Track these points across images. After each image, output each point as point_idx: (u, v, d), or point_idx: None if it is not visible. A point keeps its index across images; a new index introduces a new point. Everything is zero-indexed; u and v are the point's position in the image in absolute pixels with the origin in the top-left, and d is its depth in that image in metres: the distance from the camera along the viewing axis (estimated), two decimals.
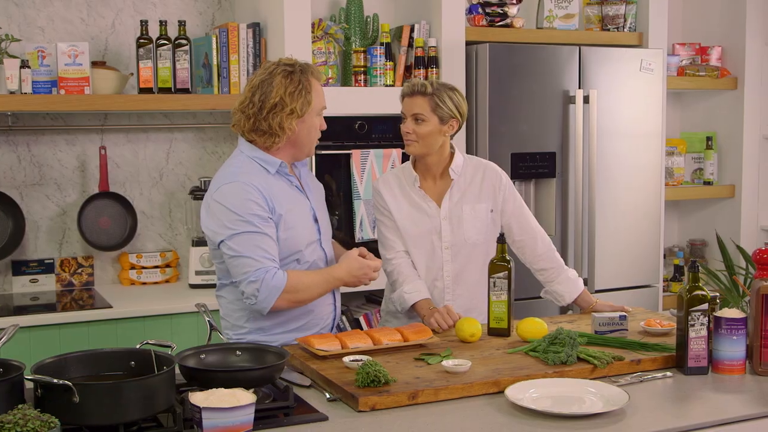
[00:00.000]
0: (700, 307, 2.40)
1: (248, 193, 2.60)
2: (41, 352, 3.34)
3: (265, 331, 2.72)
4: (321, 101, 2.73)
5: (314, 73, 2.72)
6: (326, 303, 2.81)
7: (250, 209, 2.59)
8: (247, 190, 2.60)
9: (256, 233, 2.58)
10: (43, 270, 3.99)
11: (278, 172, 2.72)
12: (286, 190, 2.73)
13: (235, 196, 2.60)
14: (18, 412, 1.74)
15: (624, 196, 4.39)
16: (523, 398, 2.14)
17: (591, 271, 4.27)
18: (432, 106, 2.93)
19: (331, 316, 2.86)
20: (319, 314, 2.80)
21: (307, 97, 2.67)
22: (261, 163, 2.70)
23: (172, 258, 4.19)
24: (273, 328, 2.73)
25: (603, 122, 4.28)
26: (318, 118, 2.74)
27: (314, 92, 2.70)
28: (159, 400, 1.93)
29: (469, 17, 4.25)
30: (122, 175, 4.14)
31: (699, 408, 2.17)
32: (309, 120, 2.70)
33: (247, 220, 2.58)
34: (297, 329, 2.75)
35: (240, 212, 2.58)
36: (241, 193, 2.60)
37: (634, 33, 4.56)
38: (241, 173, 2.66)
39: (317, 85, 2.72)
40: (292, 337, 2.72)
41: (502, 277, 2.76)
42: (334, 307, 2.86)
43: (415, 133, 2.95)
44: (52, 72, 3.67)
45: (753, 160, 5.05)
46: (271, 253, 2.59)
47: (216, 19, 4.26)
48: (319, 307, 2.78)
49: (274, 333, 2.73)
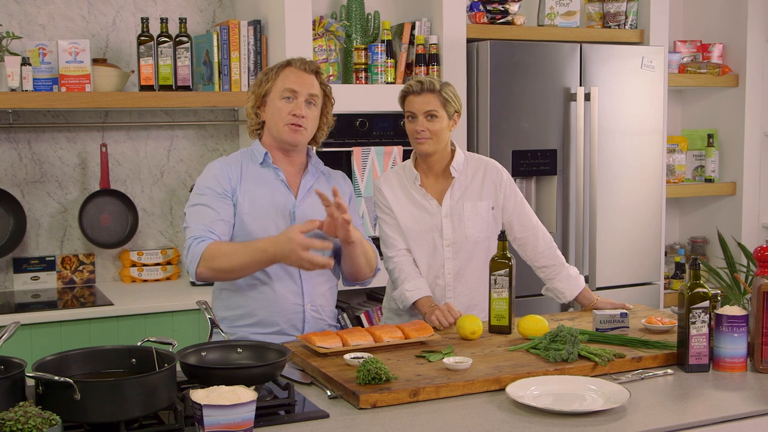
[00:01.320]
0: (702, 304, 2.40)
1: (215, 170, 2.75)
2: (42, 349, 3.35)
3: (228, 321, 2.77)
4: (284, 84, 2.72)
5: (295, 63, 2.75)
6: (292, 302, 2.75)
7: (209, 184, 2.72)
8: (216, 167, 2.75)
9: (203, 205, 2.69)
10: (44, 267, 3.99)
11: (265, 162, 2.77)
12: (266, 180, 2.76)
13: (205, 174, 2.77)
14: (19, 410, 1.74)
15: (625, 193, 4.39)
16: (524, 396, 2.14)
17: (592, 269, 4.27)
18: (442, 102, 2.94)
19: (299, 317, 2.76)
20: (282, 310, 2.74)
21: (268, 83, 2.75)
22: (254, 152, 2.81)
23: (173, 255, 4.19)
24: (236, 319, 2.77)
25: (604, 120, 4.28)
26: (282, 102, 2.72)
27: (279, 78, 2.74)
28: (160, 398, 1.93)
29: (470, 14, 4.24)
30: (123, 173, 4.14)
31: (700, 405, 2.17)
32: (271, 104, 2.75)
33: (201, 194, 2.71)
34: (257, 324, 2.73)
35: (200, 186, 2.73)
36: (209, 171, 2.76)
37: (635, 30, 4.56)
38: (227, 157, 2.83)
39: (289, 71, 2.74)
40: (251, 332, 2.72)
41: (503, 274, 2.76)
42: (302, 306, 2.76)
43: (429, 131, 2.94)
44: (53, 69, 3.67)
45: (754, 158, 5.05)
46: (210, 225, 2.65)
47: (217, 16, 4.26)
48: (282, 304, 2.73)
49: (237, 325, 2.76)
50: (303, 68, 2.74)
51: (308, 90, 2.72)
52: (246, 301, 2.75)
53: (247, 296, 2.74)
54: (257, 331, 2.72)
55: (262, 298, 2.73)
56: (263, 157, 2.77)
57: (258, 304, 2.74)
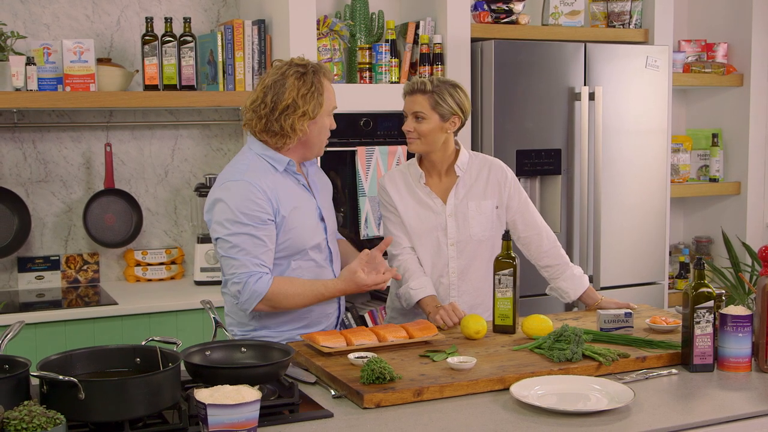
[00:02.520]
0: (706, 304, 2.39)
1: (251, 193, 2.60)
2: (47, 348, 3.35)
3: (270, 328, 2.75)
4: (332, 102, 2.75)
5: (326, 73, 2.73)
6: (331, 301, 2.82)
7: (250, 210, 2.59)
8: (251, 190, 2.61)
9: (249, 236, 2.59)
10: (48, 267, 4.00)
11: (286, 170, 2.73)
12: (293, 188, 2.74)
13: (238, 194, 2.61)
14: (24, 409, 1.74)
15: (629, 193, 4.38)
16: (529, 395, 2.14)
17: (596, 268, 4.26)
18: (432, 104, 2.93)
19: (336, 314, 2.87)
20: (322, 312, 2.81)
21: (319, 99, 2.68)
22: (269, 161, 2.71)
23: (178, 255, 4.19)
24: (278, 325, 2.75)
25: (608, 119, 4.27)
26: (329, 119, 2.75)
27: (326, 93, 2.71)
28: (164, 397, 1.93)
29: (475, 14, 4.24)
30: (127, 172, 4.14)
31: (704, 405, 2.17)
32: (320, 121, 2.71)
33: (243, 222, 2.59)
34: (301, 327, 2.77)
35: (239, 212, 2.59)
36: (244, 193, 2.60)
37: (639, 30, 4.56)
38: (248, 171, 2.66)
39: (329, 85, 2.73)
40: (297, 334, 2.74)
41: (507, 274, 2.76)
42: (338, 306, 2.88)
43: (416, 131, 2.95)
44: (57, 69, 3.68)
45: (759, 157, 5.04)
46: (260, 257, 2.60)
47: (221, 16, 4.26)
48: (322, 306, 2.79)
49: (281, 330, 2.75)
50: (330, 80, 2.76)
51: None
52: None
53: None
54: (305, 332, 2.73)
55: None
56: (286, 165, 2.73)
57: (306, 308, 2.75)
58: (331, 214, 2.88)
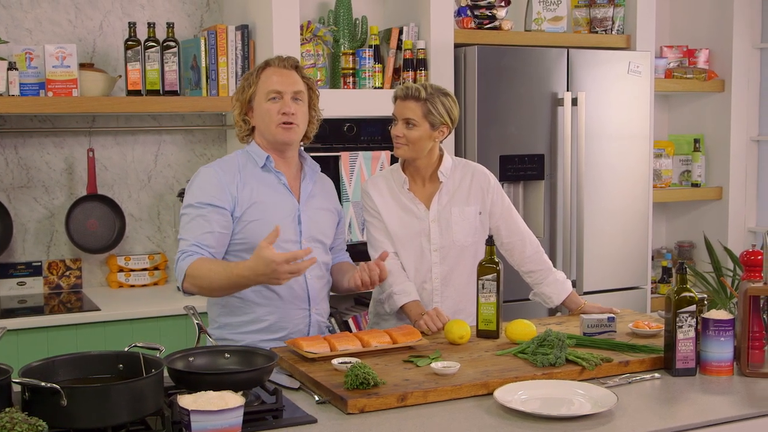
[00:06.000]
0: (688, 308, 2.41)
1: (211, 179, 2.70)
2: (29, 355, 3.32)
3: (232, 328, 2.76)
4: (267, 85, 2.74)
5: (273, 62, 2.77)
6: (299, 307, 2.78)
7: (202, 192, 2.68)
8: (213, 176, 2.71)
9: (199, 217, 2.65)
10: (30, 273, 3.97)
11: (266, 167, 2.76)
12: (269, 185, 2.76)
13: (201, 178, 2.73)
14: (5, 416, 1.73)
15: (612, 198, 4.40)
16: (512, 400, 2.14)
17: (579, 273, 4.28)
18: (424, 112, 2.93)
19: (305, 321, 2.80)
20: (288, 317, 2.77)
21: (251, 88, 2.75)
22: (253, 156, 2.79)
23: (161, 260, 4.18)
24: (240, 326, 2.75)
25: (591, 124, 4.29)
26: (268, 103, 2.73)
27: (262, 79, 2.75)
28: (147, 403, 1.92)
29: (458, 19, 4.25)
30: (110, 178, 4.13)
31: (687, 409, 2.18)
32: (258, 107, 2.76)
33: (194, 205, 2.67)
34: (263, 330, 2.74)
35: (196, 194, 2.69)
36: (206, 178, 2.72)
37: (622, 35, 4.58)
38: (222, 162, 2.79)
39: (270, 71, 2.75)
40: (259, 338, 2.72)
41: (490, 279, 2.76)
42: (308, 312, 2.81)
43: (405, 138, 2.95)
44: (39, 74, 3.66)
45: (740, 163, 5.08)
46: (200, 238, 2.63)
47: (204, 21, 4.25)
48: (288, 310, 2.76)
49: (241, 332, 2.75)
50: (282, 66, 2.76)
51: (292, 87, 2.74)
52: (252, 308, 2.75)
53: (254, 302, 2.74)
54: (264, 337, 2.73)
55: (269, 304, 2.74)
56: (264, 161, 2.76)
57: (265, 310, 2.74)
58: (316, 221, 2.83)
